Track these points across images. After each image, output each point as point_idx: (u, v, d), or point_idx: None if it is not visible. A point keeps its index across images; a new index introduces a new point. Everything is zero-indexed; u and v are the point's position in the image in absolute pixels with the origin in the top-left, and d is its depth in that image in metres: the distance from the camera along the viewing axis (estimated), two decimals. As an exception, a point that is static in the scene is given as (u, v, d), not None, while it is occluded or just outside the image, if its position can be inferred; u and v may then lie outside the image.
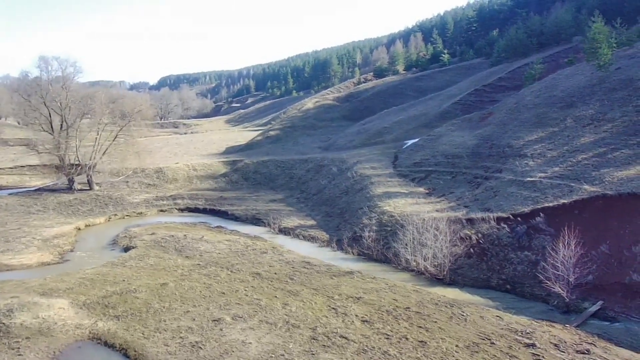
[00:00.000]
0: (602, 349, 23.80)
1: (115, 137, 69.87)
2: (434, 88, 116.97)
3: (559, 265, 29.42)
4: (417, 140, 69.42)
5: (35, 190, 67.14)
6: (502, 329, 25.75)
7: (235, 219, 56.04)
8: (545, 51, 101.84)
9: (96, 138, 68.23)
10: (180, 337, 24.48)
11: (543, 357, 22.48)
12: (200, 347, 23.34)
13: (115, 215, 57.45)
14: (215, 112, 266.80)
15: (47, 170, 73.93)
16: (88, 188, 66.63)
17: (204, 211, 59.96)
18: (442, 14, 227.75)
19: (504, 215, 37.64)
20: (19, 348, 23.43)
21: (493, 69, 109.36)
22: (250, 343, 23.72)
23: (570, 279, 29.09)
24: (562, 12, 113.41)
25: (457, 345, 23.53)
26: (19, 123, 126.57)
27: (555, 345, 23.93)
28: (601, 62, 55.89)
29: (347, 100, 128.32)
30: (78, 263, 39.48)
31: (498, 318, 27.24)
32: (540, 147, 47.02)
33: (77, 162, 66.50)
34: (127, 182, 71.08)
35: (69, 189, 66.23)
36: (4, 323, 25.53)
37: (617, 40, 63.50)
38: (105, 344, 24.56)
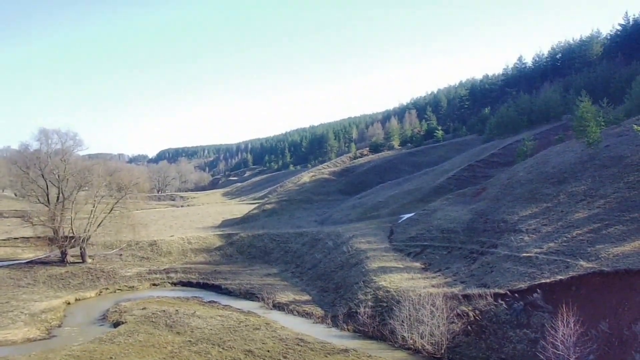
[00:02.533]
0: None
1: (111, 210, 69.87)
2: (428, 163, 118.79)
3: (559, 345, 28.72)
4: (412, 214, 69.64)
5: (27, 262, 66.19)
6: (502, 412, 24.76)
7: (229, 293, 55.09)
8: (535, 128, 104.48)
9: (92, 210, 68.22)
10: (167, 420, 23.42)
11: None
12: None
13: (107, 289, 56.44)
14: (213, 185, 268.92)
15: (40, 242, 73.26)
16: (80, 261, 65.84)
17: (197, 285, 59.04)
18: (435, 92, 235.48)
19: (501, 291, 37.14)
20: None
21: (485, 145, 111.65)
22: None
23: (571, 359, 28.31)
24: (551, 92, 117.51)
25: None
26: (15, 195, 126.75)
27: None
28: (590, 140, 57.27)
29: (343, 175, 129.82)
30: (65, 339, 38.40)
31: (498, 400, 26.26)
32: (535, 222, 47.17)
33: (71, 235, 66.05)
34: (121, 255, 70.36)
35: (62, 261, 65.40)
36: (-17, 403, 24.46)
37: (605, 119, 65.40)
38: None
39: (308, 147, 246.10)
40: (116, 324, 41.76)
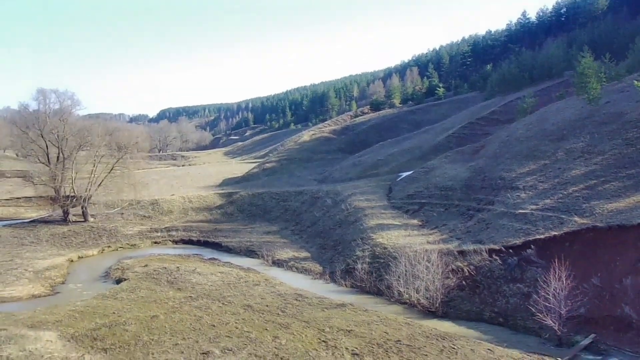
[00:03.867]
0: (593, 382, 23.59)
1: (112, 169, 70.17)
2: (428, 121, 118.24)
3: (551, 298, 29.35)
4: (411, 172, 69.85)
5: (30, 222, 66.98)
6: (493, 362, 25.53)
7: (229, 250, 55.91)
8: (537, 85, 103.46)
9: (92, 170, 68.55)
10: (168, 371, 24.21)
11: (533, 391, 22.25)
12: (188, 381, 23.07)
13: (109, 247, 57.28)
14: (214, 144, 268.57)
15: (43, 202, 73.92)
16: (83, 220, 66.58)
17: (198, 243, 59.85)
18: (437, 48, 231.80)
19: (495, 247, 37.70)
20: (4, 382, 23.15)
21: (486, 102, 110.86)
22: (238, 377, 23.46)
23: (562, 312, 28.98)
24: (554, 48, 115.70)
25: (447, 379, 23.29)
26: (17, 155, 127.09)
27: (546, 379, 23.73)
28: (591, 96, 56.85)
29: (343, 133, 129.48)
30: (69, 295, 39.23)
31: (489, 351, 27.02)
32: (532, 179, 47.36)
33: (72, 194, 66.58)
34: (122, 214, 71.08)
35: (64, 220, 66.15)
36: (-10, 356, 25.26)
37: (607, 75, 64.70)
38: (92, 377, 24.26)
39: (309, 105, 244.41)
40: (118, 281, 42.59)
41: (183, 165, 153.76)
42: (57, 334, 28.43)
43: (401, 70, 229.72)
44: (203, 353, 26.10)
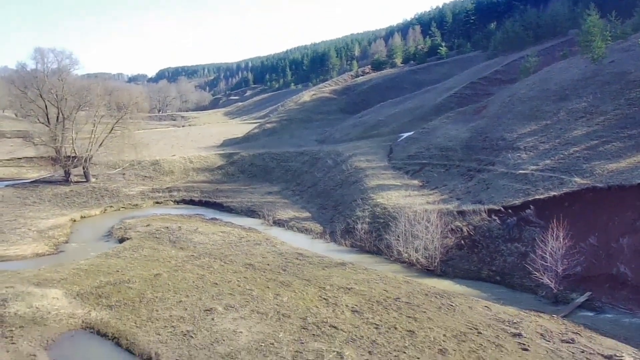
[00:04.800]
0: (587, 338, 24.17)
1: (112, 130, 69.96)
2: (430, 81, 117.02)
3: (548, 257, 29.77)
4: (412, 133, 69.66)
5: (32, 182, 67.27)
6: (490, 319, 26.10)
7: (230, 211, 56.34)
8: (541, 44, 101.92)
9: (92, 130, 68.36)
10: (172, 327, 24.79)
11: (529, 346, 22.81)
12: (192, 336, 23.65)
13: (111, 207, 57.71)
14: (214, 104, 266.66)
15: (44, 162, 74.07)
16: (84, 180, 66.82)
17: (200, 203, 60.25)
18: (441, 6, 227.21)
19: (495, 207, 37.97)
20: (12, 337, 23.70)
21: (489, 62, 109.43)
22: (241, 332, 24.03)
23: (559, 271, 29.44)
24: (559, 5, 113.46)
25: (444, 335, 23.86)
26: (16, 115, 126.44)
27: (542, 334, 24.29)
28: (595, 56, 56.15)
29: (344, 93, 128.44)
30: (72, 254, 39.77)
31: (486, 308, 27.60)
32: (533, 139, 47.29)
33: (73, 154, 66.63)
34: (124, 174, 71.31)
35: (66, 181, 66.40)
36: (-2, 312, 25.82)
37: (612, 34, 63.72)
38: (98, 333, 24.84)
39: (309, 65, 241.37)
40: (121, 240, 43.10)
41: (183, 126, 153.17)
42: (62, 292, 29.00)
43: (403, 29, 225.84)
44: (206, 310, 26.68)
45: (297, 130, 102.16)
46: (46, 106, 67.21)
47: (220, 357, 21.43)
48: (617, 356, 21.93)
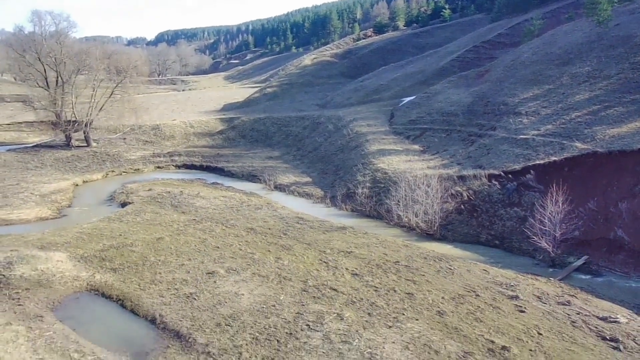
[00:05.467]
0: (583, 300, 24.63)
1: (112, 94, 69.53)
2: (433, 44, 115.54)
3: (546, 221, 30.06)
4: (413, 97, 69.20)
5: (33, 146, 67.28)
6: (487, 282, 26.54)
7: (232, 175, 56.51)
8: (546, 6, 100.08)
9: (92, 94, 67.94)
10: (175, 289, 25.23)
11: (525, 308, 23.28)
12: (194, 298, 24.10)
13: (113, 171, 57.86)
14: (214, 68, 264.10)
15: (44, 126, 73.94)
16: (85, 145, 66.80)
17: (201, 168, 60.38)
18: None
19: (495, 172, 38.08)
20: (19, 299, 24.16)
21: (493, 25, 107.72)
22: (242, 294, 24.48)
23: (557, 235, 29.77)
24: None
25: (442, 297, 24.31)
26: (15, 79, 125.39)
27: (538, 297, 24.76)
28: (600, 18, 55.26)
29: (345, 57, 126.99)
30: (75, 218, 40.11)
31: (484, 272, 28.02)
32: (535, 104, 47.03)
33: (73, 119, 66.39)
34: (124, 139, 71.23)
35: (67, 145, 66.39)
36: (3, 275, 26.23)
37: (619, -5, 62.57)
38: (103, 295, 25.30)
39: (310, 28, 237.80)
40: (123, 204, 43.40)
41: (183, 90, 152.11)
42: (66, 255, 29.40)
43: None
44: (208, 273, 27.11)
45: (298, 95, 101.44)
46: (45, 70, 66.64)
47: (223, 319, 21.89)
48: (612, 318, 22.40)
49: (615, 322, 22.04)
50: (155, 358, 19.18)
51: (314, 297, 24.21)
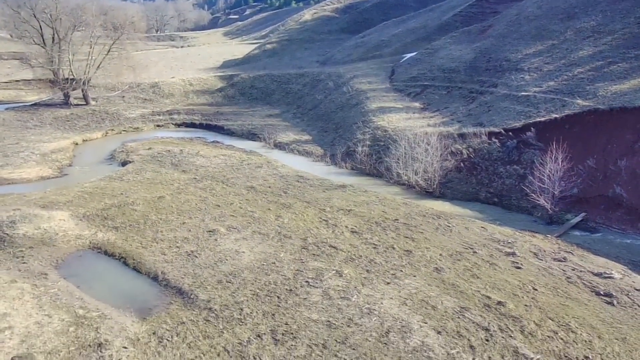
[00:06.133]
0: (579, 257, 24.99)
1: (109, 51, 68.53)
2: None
3: (545, 179, 30.15)
4: (415, 54, 68.20)
5: (32, 105, 66.82)
6: (485, 239, 26.86)
7: (231, 134, 56.32)
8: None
9: (89, 51, 67.00)
10: (177, 247, 25.60)
11: (521, 264, 23.64)
12: (196, 256, 24.48)
13: (112, 130, 57.67)
14: (213, 24, 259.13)
15: (43, 85, 73.28)
16: (84, 103, 66.34)
17: (200, 126, 60.12)
18: None
19: (495, 130, 37.95)
20: (23, 257, 24.56)
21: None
22: (243, 252, 24.84)
23: (555, 192, 29.92)
24: None
25: (441, 254, 24.66)
26: (11, 36, 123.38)
27: (535, 253, 25.11)
28: (607, -29, 53.77)
29: (346, 12, 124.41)
30: (76, 177, 40.25)
31: (482, 229, 28.32)
32: (538, 60, 46.42)
33: (71, 77, 65.70)
34: (123, 97, 70.68)
35: (65, 104, 65.94)
36: (7, 234, 26.57)
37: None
38: (105, 253, 25.69)
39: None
40: (124, 163, 43.45)
41: (182, 47, 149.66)
42: (68, 214, 29.67)
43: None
44: (209, 231, 27.42)
45: (298, 51, 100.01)
46: (40, 27, 65.44)
47: (224, 276, 22.29)
48: (607, 274, 22.78)
49: (609, 277, 22.43)
50: (158, 314, 19.63)
51: (314, 254, 24.57)
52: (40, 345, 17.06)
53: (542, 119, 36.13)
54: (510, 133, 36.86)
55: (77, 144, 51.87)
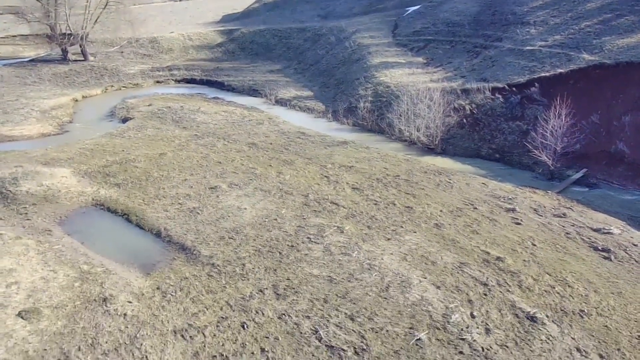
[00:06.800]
0: (579, 212, 25.11)
1: (106, 4, 67.11)
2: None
3: (548, 135, 29.98)
4: (418, 7, 66.66)
5: (29, 61, 66.07)
6: (486, 195, 26.94)
7: (232, 90, 55.76)
8: None
9: (86, 5, 65.61)
10: (179, 204, 25.75)
11: (521, 220, 23.80)
12: (198, 213, 24.65)
13: (112, 86, 57.14)
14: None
15: (40, 40, 72.00)
16: (82, 59, 65.47)
17: (201, 82, 59.46)
18: None
19: (499, 85, 37.49)
20: (26, 213, 24.78)
21: None
22: (245, 209, 24.99)
23: (557, 148, 29.79)
24: None
25: (441, 211, 24.80)
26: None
27: (535, 209, 25.23)
28: None
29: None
30: (77, 134, 40.14)
31: (483, 185, 28.36)
32: (544, 13, 45.38)
33: (68, 32, 64.60)
34: (122, 52, 69.67)
35: (63, 59, 65.10)
36: (10, 191, 26.73)
37: None
38: (108, 209, 25.86)
39: None
40: (124, 120, 43.22)
41: (180, 0, 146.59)
42: (70, 171, 29.76)
43: None
44: (211, 188, 27.53)
45: (299, 5, 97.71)
46: (35, -22, 63.94)
47: (226, 232, 22.51)
48: (606, 229, 22.94)
49: (608, 233, 22.59)
50: (162, 269, 19.92)
51: (315, 210, 24.72)
52: (47, 299, 17.40)
53: (547, 74, 35.63)
54: (514, 88, 36.43)
55: (76, 100, 51.49)
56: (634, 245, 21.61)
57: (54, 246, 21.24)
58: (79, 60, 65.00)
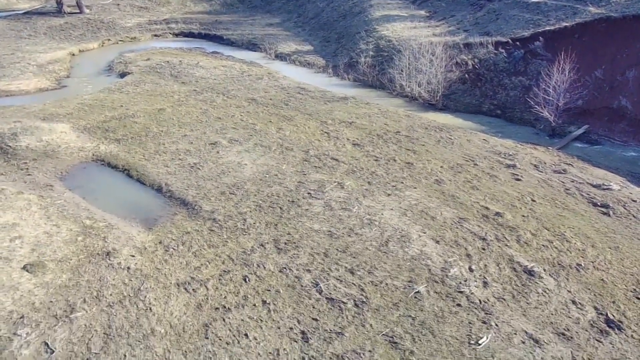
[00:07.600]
0: (579, 168, 25.14)
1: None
2: None
3: (551, 91, 29.70)
4: (422, -43, 64.82)
5: (24, 13, 64.61)
6: (486, 151, 26.90)
7: (231, 44, 54.84)
8: None
9: (79, -45, 63.84)
10: (179, 159, 25.73)
11: (521, 176, 23.84)
12: (199, 168, 24.66)
13: (109, 40, 56.13)
14: None
15: (34, -9, 70.46)
16: (78, 11, 64.04)
17: (199, 36, 58.42)
18: None
19: (502, 39, 36.88)
20: (27, 169, 24.78)
21: None
22: (245, 164, 24.99)
23: (560, 104, 29.57)
24: None
25: (441, 167, 24.81)
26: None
27: (535, 165, 25.25)
28: None
29: None
30: (75, 89, 39.71)
31: (484, 141, 28.30)
32: (551, -35, 44.17)
33: (63, -17, 63.07)
34: (118, 4, 68.10)
35: (59, 12, 63.69)
36: (10, 146, 26.66)
37: None
38: (109, 165, 25.85)
39: None
40: (122, 75, 42.67)
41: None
42: (69, 126, 29.59)
43: None
44: (211, 143, 27.44)
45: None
46: None
47: (227, 187, 22.57)
48: (605, 185, 23.01)
49: (607, 189, 22.68)
50: (163, 224, 20.09)
51: (315, 166, 24.73)
52: (51, 253, 17.61)
53: (552, 28, 34.98)
54: (518, 43, 35.84)
55: (73, 54, 50.68)
56: (633, 201, 21.72)
57: (55, 201, 21.34)
58: (75, 13, 63.61)
